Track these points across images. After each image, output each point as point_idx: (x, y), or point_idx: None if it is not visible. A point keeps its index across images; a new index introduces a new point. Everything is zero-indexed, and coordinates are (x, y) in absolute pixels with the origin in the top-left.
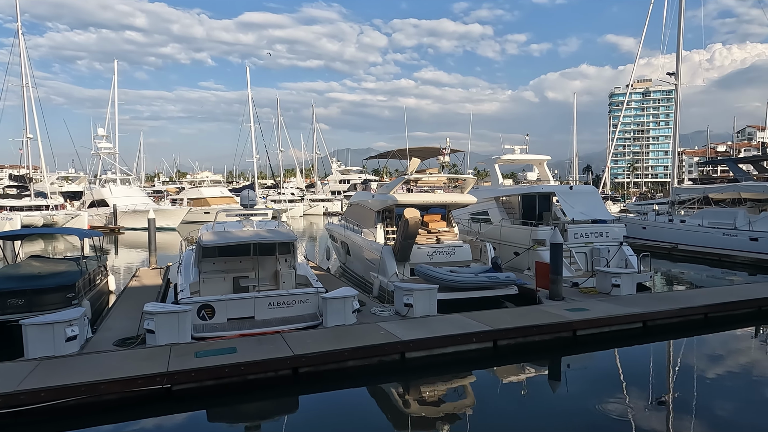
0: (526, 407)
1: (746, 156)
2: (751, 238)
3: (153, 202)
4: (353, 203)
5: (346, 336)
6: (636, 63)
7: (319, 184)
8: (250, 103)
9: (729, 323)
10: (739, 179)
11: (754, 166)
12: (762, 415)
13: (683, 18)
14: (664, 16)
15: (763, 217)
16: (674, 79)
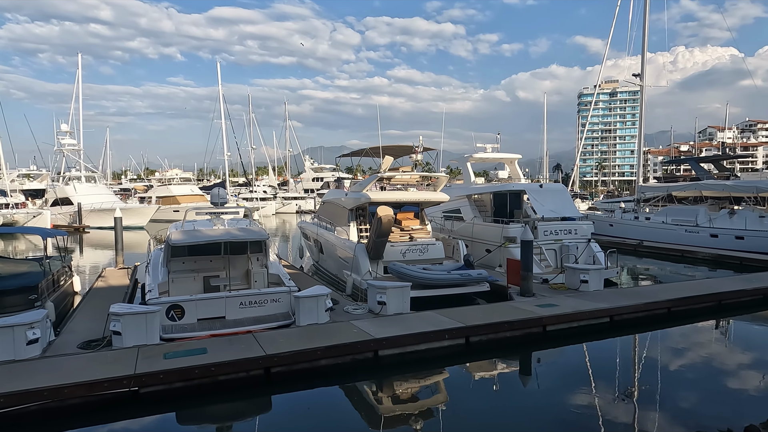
0: (498, 402)
1: (707, 155)
2: (711, 235)
3: (120, 201)
4: (326, 201)
5: (318, 335)
6: (603, 64)
7: (292, 182)
8: (221, 100)
9: (691, 317)
10: (701, 178)
11: (714, 165)
12: (722, 405)
13: (648, 21)
14: (629, 18)
15: (722, 214)
16: (639, 81)
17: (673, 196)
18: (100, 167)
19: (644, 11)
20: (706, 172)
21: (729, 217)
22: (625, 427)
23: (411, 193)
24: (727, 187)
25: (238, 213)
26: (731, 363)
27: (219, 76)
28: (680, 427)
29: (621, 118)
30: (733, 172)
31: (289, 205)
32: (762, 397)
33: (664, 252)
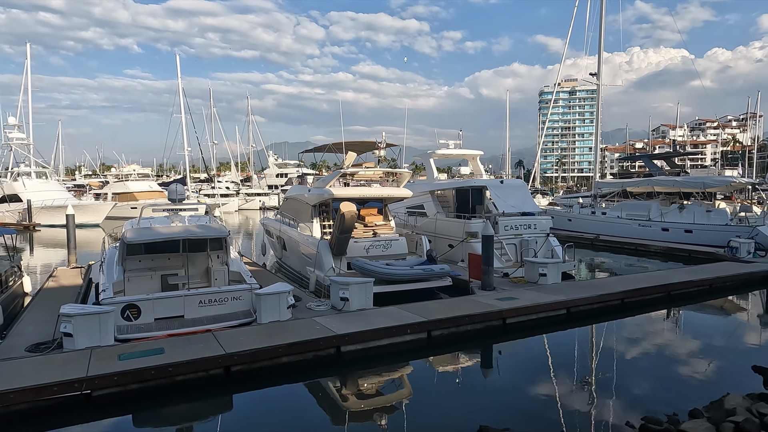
0: (460, 395)
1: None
2: (662, 229)
3: (73, 197)
4: (289, 197)
5: (280, 332)
6: (562, 63)
7: (255, 178)
8: (181, 93)
9: (643, 307)
10: (653, 174)
11: (666, 162)
12: (673, 391)
13: (604, 22)
14: (587, 19)
15: (673, 209)
16: (596, 80)
17: (628, 191)
18: (52, 162)
19: (600, 13)
20: (659, 168)
21: (679, 211)
22: (583, 414)
23: (374, 189)
24: (677, 183)
25: (198, 210)
26: (680, 350)
27: (178, 69)
28: (633, 412)
29: (580, 116)
30: (683, 169)
31: (252, 201)
32: (707, 381)
33: (619, 245)
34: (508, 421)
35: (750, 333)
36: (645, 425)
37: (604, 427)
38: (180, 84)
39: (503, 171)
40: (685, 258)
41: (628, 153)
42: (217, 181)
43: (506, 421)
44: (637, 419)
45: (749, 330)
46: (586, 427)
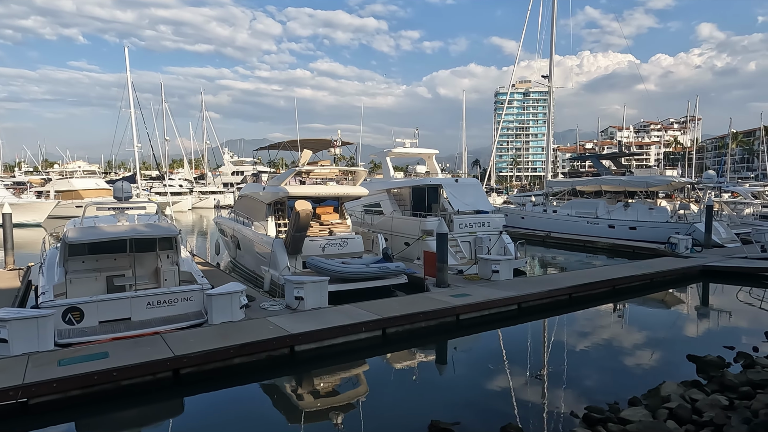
0: (414, 390)
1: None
2: (609, 226)
3: (12, 195)
4: (243, 196)
5: (232, 333)
6: (516, 65)
7: (209, 175)
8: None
9: (590, 301)
10: (601, 173)
11: (613, 162)
12: (615, 381)
13: (555, 26)
14: (539, 23)
15: (618, 206)
16: (548, 82)
17: (578, 190)
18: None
19: (552, 17)
20: (606, 168)
21: (624, 209)
22: (531, 405)
23: (330, 187)
24: (622, 182)
25: (147, 208)
26: (623, 342)
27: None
28: (578, 402)
29: (533, 117)
30: (628, 169)
31: (206, 199)
32: (646, 370)
33: (569, 242)
34: (460, 415)
35: (686, 324)
36: (588, 414)
37: (550, 417)
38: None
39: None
40: (630, 253)
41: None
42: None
43: (458, 415)
44: (581, 409)
45: (686, 321)
46: (533, 417)
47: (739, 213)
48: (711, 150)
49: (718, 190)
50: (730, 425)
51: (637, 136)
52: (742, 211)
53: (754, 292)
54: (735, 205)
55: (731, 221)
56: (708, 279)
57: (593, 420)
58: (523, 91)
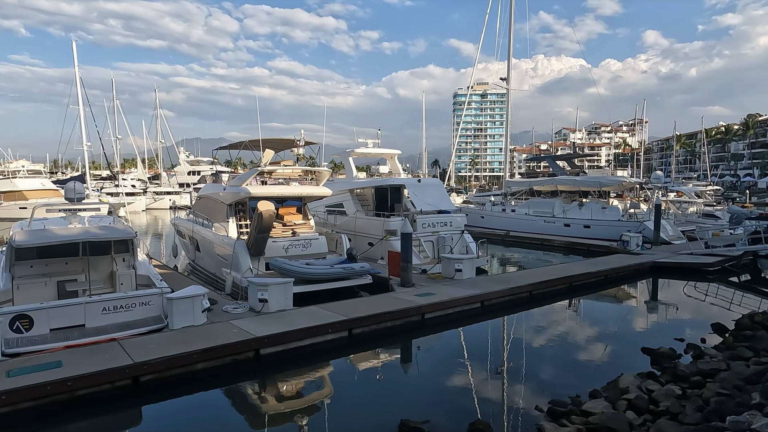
0: (381, 391)
1: (562, 154)
2: (565, 224)
3: None
4: (202, 196)
5: (194, 337)
6: (475, 67)
7: (164, 175)
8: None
9: (549, 298)
10: (557, 174)
11: (567, 163)
12: (576, 375)
13: (512, 30)
14: (497, 27)
15: (573, 206)
16: (506, 84)
17: (535, 190)
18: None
19: (510, 21)
20: (561, 168)
21: (579, 208)
22: (497, 401)
23: (293, 187)
24: (577, 182)
25: (100, 209)
26: (581, 337)
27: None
28: (542, 396)
29: (491, 118)
30: (582, 169)
31: (161, 200)
32: (604, 364)
33: (527, 241)
34: (428, 414)
35: (639, 318)
36: (552, 408)
37: (516, 412)
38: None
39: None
40: (584, 251)
41: (534, 154)
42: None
43: (427, 413)
44: (545, 403)
45: (638, 315)
46: (500, 413)
47: (684, 211)
48: (657, 151)
49: (664, 190)
50: (685, 413)
51: (589, 138)
52: (687, 209)
53: (699, 287)
54: (680, 204)
55: (677, 219)
56: (657, 275)
57: (557, 413)
58: (481, 93)
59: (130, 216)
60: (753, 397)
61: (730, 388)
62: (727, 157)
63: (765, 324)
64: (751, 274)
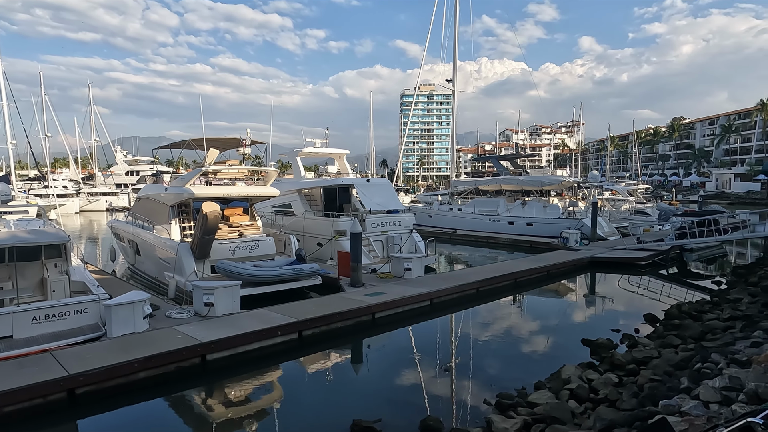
0: (333, 391)
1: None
2: (509, 223)
3: None
4: (143, 197)
5: (136, 345)
6: (421, 69)
7: (100, 175)
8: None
9: (495, 294)
10: (501, 174)
11: (511, 163)
12: (521, 368)
13: (457, 33)
14: (442, 29)
15: (516, 204)
16: (451, 86)
17: (480, 189)
18: None
19: (454, 24)
20: (505, 168)
21: (522, 207)
22: (446, 397)
23: (239, 187)
24: (520, 181)
25: (28, 212)
26: (525, 331)
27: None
28: (490, 390)
29: (438, 119)
30: (524, 169)
31: (97, 201)
32: (548, 356)
33: (474, 239)
34: (380, 412)
35: (579, 311)
36: (500, 401)
37: (465, 406)
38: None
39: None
40: (527, 248)
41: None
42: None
43: (379, 412)
44: (493, 396)
45: (578, 308)
46: (450, 408)
47: (618, 209)
48: (593, 152)
49: (600, 189)
50: (622, 400)
51: (531, 139)
52: (620, 207)
53: (632, 280)
54: (614, 202)
55: (611, 216)
56: (595, 269)
57: (505, 406)
58: (428, 93)
59: (62, 219)
60: (682, 382)
61: (661, 374)
62: (656, 158)
63: (691, 313)
64: (678, 266)
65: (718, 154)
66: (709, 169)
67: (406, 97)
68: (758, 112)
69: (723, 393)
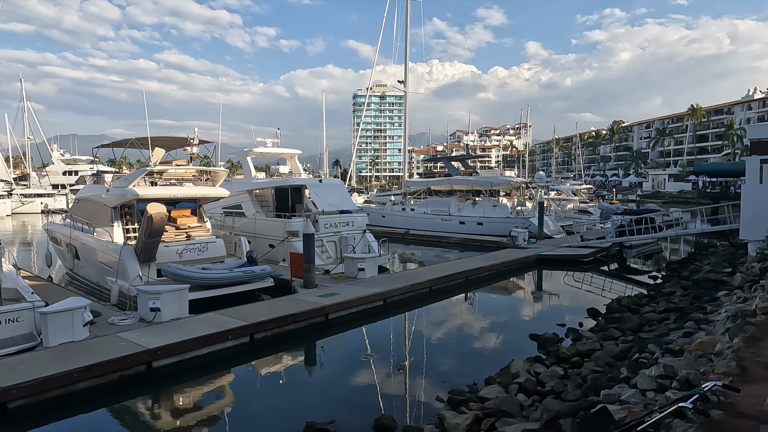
0: (286, 395)
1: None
2: (460, 222)
3: None
4: (82, 199)
5: (75, 354)
6: (373, 70)
7: (34, 175)
8: None
9: (447, 293)
10: (452, 174)
11: (462, 164)
12: (473, 364)
13: (408, 35)
14: (394, 30)
15: (467, 204)
16: (403, 87)
17: (432, 189)
18: None
19: (406, 26)
20: (456, 169)
21: (472, 206)
22: (400, 396)
23: (187, 188)
24: (470, 181)
25: None
26: (476, 328)
27: None
28: (442, 387)
29: (390, 120)
30: (475, 169)
31: (31, 203)
32: (498, 351)
33: (426, 238)
34: (334, 414)
35: (527, 307)
36: (452, 397)
37: (418, 403)
38: None
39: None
40: (478, 247)
41: (431, 155)
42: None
43: (332, 413)
44: (445, 393)
45: (526, 304)
46: (403, 406)
47: (563, 208)
48: (539, 153)
49: (546, 189)
50: (567, 391)
51: (481, 140)
52: (565, 206)
53: (576, 276)
54: (559, 202)
55: (557, 215)
56: (542, 266)
57: (456, 402)
58: (380, 94)
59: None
60: (621, 372)
61: (603, 366)
62: (598, 159)
63: (630, 306)
64: (618, 262)
65: (654, 156)
66: (646, 170)
67: (359, 98)
68: (689, 116)
69: (658, 381)
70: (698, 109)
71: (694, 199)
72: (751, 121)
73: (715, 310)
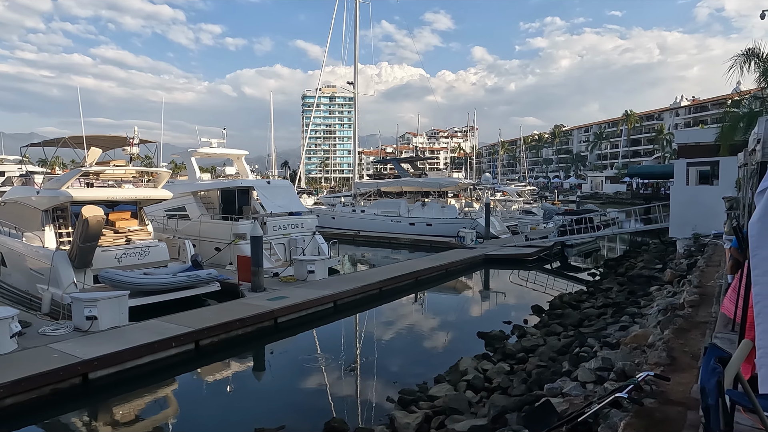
0: (233, 401)
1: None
2: (410, 223)
3: None
4: (9, 201)
5: (1, 368)
6: (322, 70)
7: None
8: None
9: (397, 293)
10: (401, 175)
11: (411, 165)
12: (422, 363)
13: (358, 37)
14: (343, 31)
15: (417, 205)
16: (353, 88)
17: (382, 191)
18: None
19: (354, 27)
20: (405, 171)
21: (422, 207)
22: (350, 398)
23: (126, 190)
24: (419, 183)
25: None
26: (426, 327)
27: None
28: (392, 387)
29: (339, 121)
30: (424, 171)
31: None
32: (447, 350)
33: (376, 239)
34: (284, 418)
35: (475, 305)
36: (402, 397)
37: (369, 405)
38: None
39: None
40: (428, 247)
41: (380, 157)
42: None
43: (282, 418)
44: (395, 393)
45: (474, 303)
46: (354, 408)
47: (508, 209)
48: (486, 155)
49: (492, 190)
50: (513, 386)
51: (429, 142)
52: (511, 207)
53: (521, 274)
54: (505, 203)
55: (503, 216)
56: (489, 266)
57: (407, 401)
58: (329, 95)
59: None
60: (563, 366)
61: (546, 360)
62: (541, 161)
63: (571, 303)
64: (560, 261)
65: (592, 159)
66: (585, 172)
67: (308, 98)
68: (623, 121)
69: (597, 373)
70: (632, 115)
71: (629, 199)
72: (679, 126)
73: (648, 305)
